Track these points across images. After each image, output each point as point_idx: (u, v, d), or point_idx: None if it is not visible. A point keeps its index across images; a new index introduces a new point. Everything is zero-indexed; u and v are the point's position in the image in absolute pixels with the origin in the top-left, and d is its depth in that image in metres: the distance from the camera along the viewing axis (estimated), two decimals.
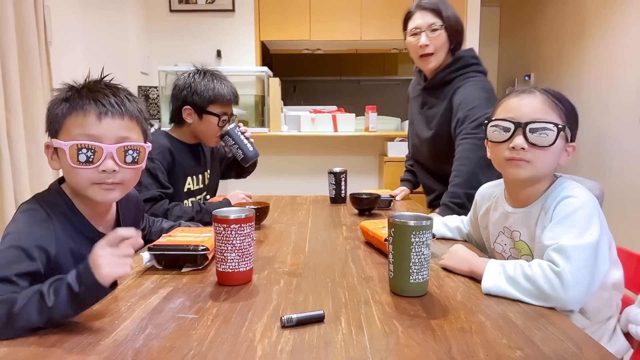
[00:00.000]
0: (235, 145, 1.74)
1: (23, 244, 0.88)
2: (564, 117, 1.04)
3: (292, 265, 1.13)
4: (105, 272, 0.76)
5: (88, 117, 0.94)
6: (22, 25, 2.17)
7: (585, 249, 0.92)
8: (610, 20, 3.28)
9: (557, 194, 1.04)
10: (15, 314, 0.75)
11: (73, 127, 0.95)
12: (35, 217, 0.94)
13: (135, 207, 1.22)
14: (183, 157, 1.69)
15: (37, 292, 0.77)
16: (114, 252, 0.79)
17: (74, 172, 0.95)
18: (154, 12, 3.68)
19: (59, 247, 0.94)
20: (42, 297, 0.76)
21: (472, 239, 1.37)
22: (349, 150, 3.78)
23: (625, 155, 3.07)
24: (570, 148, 1.07)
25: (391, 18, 3.74)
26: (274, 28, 3.76)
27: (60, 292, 0.76)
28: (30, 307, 0.75)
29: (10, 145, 2.09)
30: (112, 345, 0.72)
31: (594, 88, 3.42)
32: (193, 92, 1.64)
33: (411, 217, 0.94)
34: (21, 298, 0.77)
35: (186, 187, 1.70)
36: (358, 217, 1.69)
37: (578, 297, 0.90)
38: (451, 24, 1.75)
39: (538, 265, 0.93)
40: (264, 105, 3.60)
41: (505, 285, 0.93)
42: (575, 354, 0.70)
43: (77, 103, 0.95)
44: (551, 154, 1.04)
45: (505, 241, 1.18)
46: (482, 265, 1.00)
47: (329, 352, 0.70)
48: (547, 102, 1.04)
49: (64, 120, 0.95)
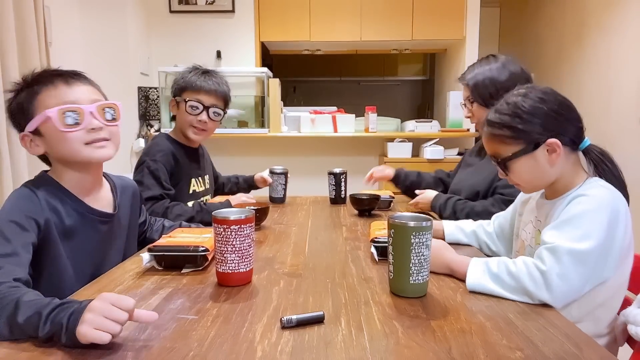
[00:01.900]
0: (278, 185, 1.97)
1: (15, 218, 0.94)
2: (520, 130, 1.05)
3: (292, 266, 1.13)
4: (83, 330, 0.69)
5: (59, 88, 1.02)
6: (22, 25, 2.17)
7: (581, 253, 0.92)
8: (610, 20, 3.28)
9: (576, 193, 1.04)
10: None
11: (47, 99, 1.01)
12: (19, 194, 1.00)
13: (133, 195, 1.26)
14: (185, 159, 1.70)
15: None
16: (109, 311, 0.71)
17: (65, 138, 1.01)
18: (154, 13, 3.68)
19: (46, 218, 0.99)
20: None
21: (488, 246, 1.34)
22: (349, 151, 3.78)
23: (625, 156, 3.07)
24: (550, 146, 1.04)
25: (391, 19, 3.75)
26: (274, 29, 3.75)
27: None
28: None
29: (10, 145, 2.09)
30: (112, 345, 0.72)
31: (594, 88, 3.42)
32: (176, 83, 1.69)
33: (411, 218, 0.94)
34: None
35: (191, 190, 1.71)
36: (358, 217, 1.69)
37: (561, 299, 0.91)
38: (480, 93, 1.61)
39: (523, 262, 0.94)
40: (264, 106, 3.60)
41: (489, 282, 0.95)
42: (575, 355, 0.70)
43: (41, 82, 1.02)
44: (527, 172, 1.08)
45: (530, 230, 1.18)
46: (461, 262, 1.02)
47: (329, 353, 0.70)
48: (490, 137, 1.11)
49: (35, 100, 1.01)
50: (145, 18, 3.60)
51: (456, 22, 3.73)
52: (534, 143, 1.05)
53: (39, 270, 0.98)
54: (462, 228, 1.37)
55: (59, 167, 1.07)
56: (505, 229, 1.32)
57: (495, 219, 1.36)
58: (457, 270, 1.03)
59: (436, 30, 3.74)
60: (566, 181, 1.08)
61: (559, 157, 1.05)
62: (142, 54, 3.47)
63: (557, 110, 1.06)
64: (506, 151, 1.08)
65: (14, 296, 0.77)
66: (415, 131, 3.57)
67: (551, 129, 1.04)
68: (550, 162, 1.05)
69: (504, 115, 1.08)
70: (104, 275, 1.07)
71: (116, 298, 0.74)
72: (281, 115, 3.53)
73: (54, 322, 0.72)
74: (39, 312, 0.73)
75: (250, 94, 3.72)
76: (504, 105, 1.09)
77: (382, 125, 3.71)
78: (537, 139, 1.04)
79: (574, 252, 0.92)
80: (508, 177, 1.11)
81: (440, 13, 3.71)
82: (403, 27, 3.74)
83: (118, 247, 1.18)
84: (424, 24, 3.73)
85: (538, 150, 1.05)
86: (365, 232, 1.46)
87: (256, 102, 3.71)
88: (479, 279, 0.96)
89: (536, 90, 1.08)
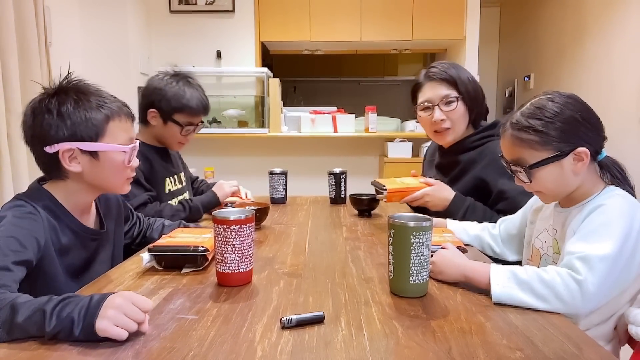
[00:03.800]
0: (279, 185, 1.93)
1: (16, 234, 0.91)
2: (552, 136, 1.01)
3: (292, 266, 1.13)
4: (103, 325, 0.71)
5: (125, 122, 1.06)
6: (22, 26, 2.17)
7: (609, 260, 0.91)
8: (610, 20, 3.28)
9: (596, 201, 1.02)
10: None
11: (118, 131, 1.04)
12: (22, 211, 0.97)
13: (117, 207, 1.25)
14: (158, 160, 1.68)
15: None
16: (131, 310, 0.74)
17: (122, 172, 1.05)
18: (154, 13, 3.68)
19: (46, 238, 0.97)
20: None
21: (491, 248, 1.33)
22: (349, 150, 3.78)
23: (625, 156, 3.06)
24: (578, 155, 1.02)
25: (391, 19, 3.75)
26: (274, 29, 3.75)
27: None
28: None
29: (10, 145, 2.09)
30: (112, 345, 0.72)
31: (594, 88, 3.42)
32: (162, 97, 1.61)
33: (411, 218, 0.94)
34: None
35: (167, 189, 1.70)
36: (358, 217, 1.69)
37: (592, 308, 0.90)
38: (469, 92, 1.51)
39: (555, 272, 0.90)
40: (264, 106, 3.60)
41: (517, 292, 0.88)
42: (575, 355, 0.70)
43: (112, 107, 1.03)
44: (552, 181, 1.03)
45: (546, 238, 1.16)
46: (479, 270, 0.96)
47: (329, 353, 0.70)
48: (516, 142, 1.05)
49: (107, 124, 1.02)
50: (145, 18, 3.60)
51: (456, 22, 3.73)
52: (564, 151, 1.01)
53: (35, 287, 0.95)
54: (466, 230, 1.36)
55: (71, 185, 1.04)
56: (512, 234, 1.31)
57: (502, 222, 1.35)
58: (474, 277, 0.96)
59: (436, 30, 3.74)
60: (584, 190, 1.06)
61: (584, 166, 1.02)
62: (142, 54, 3.47)
63: (587, 117, 1.03)
64: (533, 157, 1.03)
65: (6, 300, 0.76)
66: (415, 131, 3.57)
67: (581, 137, 1.02)
68: (576, 171, 1.03)
69: (534, 119, 1.02)
70: (103, 275, 1.07)
71: (137, 298, 0.76)
72: (281, 115, 3.53)
73: (60, 317, 0.72)
74: (41, 310, 0.73)
75: (250, 94, 3.72)
76: (532, 108, 1.04)
77: (382, 125, 3.71)
78: (567, 147, 1.01)
79: (606, 259, 0.91)
80: (529, 184, 1.07)
81: (440, 13, 3.71)
82: (403, 27, 3.74)
83: (104, 259, 1.17)
84: (424, 24, 3.73)
85: (566, 158, 1.02)
86: (365, 232, 1.46)
87: (256, 102, 3.72)
88: (505, 287, 0.90)
89: (563, 96, 1.05)
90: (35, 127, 1.00)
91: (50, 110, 0.99)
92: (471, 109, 1.54)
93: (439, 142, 1.63)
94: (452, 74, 1.52)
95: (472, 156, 1.54)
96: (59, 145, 0.99)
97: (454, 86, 1.51)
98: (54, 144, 0.99)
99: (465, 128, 1.57)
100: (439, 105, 1.52)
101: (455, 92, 1.51)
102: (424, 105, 1.57)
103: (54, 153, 0.99)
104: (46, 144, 0.99)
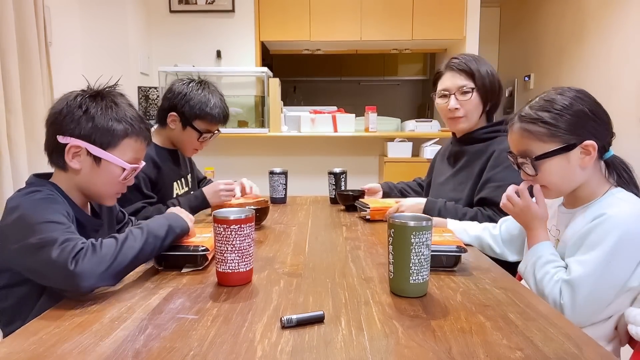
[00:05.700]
0: (279, 185, 1.94)
1: (50, 217, 0.93)
2: (560, 128, 1.02)
3: (292, 266, 1.13)
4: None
5: (139, 143, 1.10)
6: (22, 26, 2.17)
7: (600, 279, 0.96)
8: (610, 20, 3.28)
9: (601, 207, 1.03)
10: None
11: (129, 149, 1.08)
12: (40, 197, 0.99)
13: (109, 207, 1.27)
14: (167, 163, 1.69)
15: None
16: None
17: (113, 185, 1.08)
18: (154, 13, 3.68)
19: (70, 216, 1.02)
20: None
21: (491, 248, 1.33)
22: (349, 150, 3.78)
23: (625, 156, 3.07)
24: (585, 149, 1.02)
25: (391, 18, 3.75)
26: (274, 28, 3.76)
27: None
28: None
29: (10, 145, 2.09)
30: (112, 345, 0.72)
31: (594, 88, 3.40)
32: (185, 102, 1.64)
33: (411, 218, 0.94)
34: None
35: (175, 193, 1.70)
36: (358, 217, 1.69)
37: (581, 321, 0.97)
38: (485, 85, 1.56)
39: (552, 285, 1.01)
40: (264, 106, 3.60)
41: (528, 277, 1.06)
42: (576, 355, 0.70)
43: (132, 126, 1.07)
44: (558, 174, 1.04)
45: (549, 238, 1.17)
46: (537, 236, 1.11)
47: (329, 353, 0.70)
48: (523, 133, 1.06)
49: (122, 140, 1.06)
50: (145, 18, 3.60)
51: (456, 22, 3.73)
52: (571, 143, 1.02)
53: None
54: (466, 230, 1.36)
55: (74, 180, 1.07)
56: (513, 234, 1.31)
57: (503, 222, 1.35)
58: (529, 237, 1.12)
59: (436, 30, 3.74)
60: (589, 189, 1.07)
61: (591, 160, 1.03)
62: (142, 53, 3.48)
63: (596, 112, 1.04)
64: (540, 149, 1.04)
65: (121, 238, 0.95)
66: (415, 131, 3.58)
67: (589, 130, 1.02)
68: (582, 165, 1.03)
69: (543, 111, 1.04)
70: None
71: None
72: (281, 115, 3.53)
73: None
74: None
75: (250, 94, 3.73)
76: (542, 101, 1.06)
77: (382, 125, 3.71)
78: (575, 139, 1.02)
79: (593, 278, 0.96)
80: (535, 178, 1.08)
81: (440, 13, 3.71)
82: (403, 27, 3.75)
83: None
84: (424, 23, 3.73)
85: (573, 151, 1.02)
86: (365, 232, 1.47)
87: (256, 101, 3.72)
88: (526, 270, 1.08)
89: (572, 90, 1.06)
90: (60, 114, 1.04)
91: (81, 107, 1.04)
92: (486, 101, 1.60)
93: (453, 128, 1.69)
94: (472, 66, 1.58)
95: (479, 148, 1.59)
96: (71, 139, 1.03)
97: (471, 78, 1.57)
98: (67, 135, 1.03)
99: (479, 118, 1.62)
100: (455, 94, 1.59)
101: (472, 84, 1.57)
102: (441, 93, 1.64)
103: (63, 144, 1.03)
104: (61, 133, 1.03)
